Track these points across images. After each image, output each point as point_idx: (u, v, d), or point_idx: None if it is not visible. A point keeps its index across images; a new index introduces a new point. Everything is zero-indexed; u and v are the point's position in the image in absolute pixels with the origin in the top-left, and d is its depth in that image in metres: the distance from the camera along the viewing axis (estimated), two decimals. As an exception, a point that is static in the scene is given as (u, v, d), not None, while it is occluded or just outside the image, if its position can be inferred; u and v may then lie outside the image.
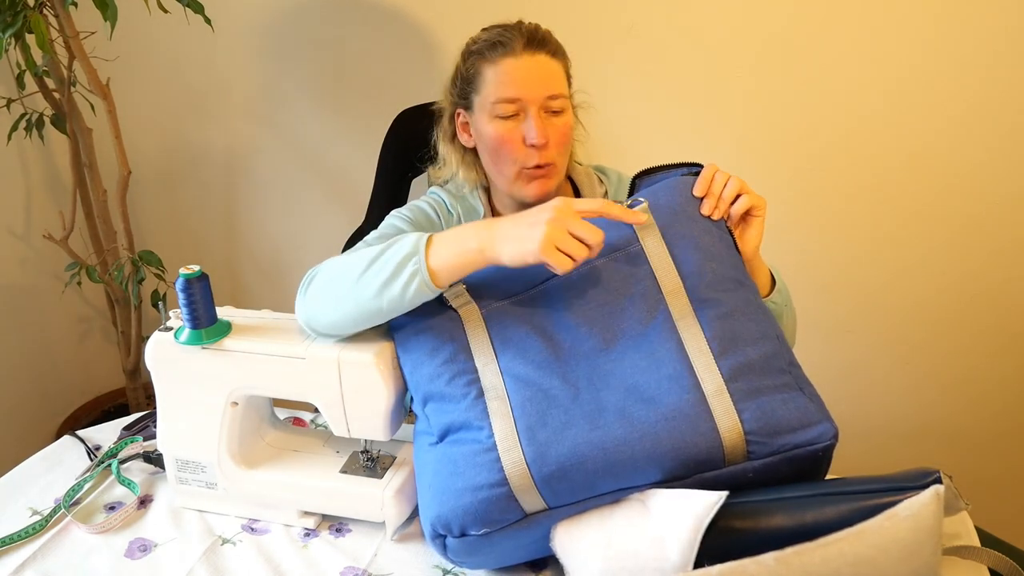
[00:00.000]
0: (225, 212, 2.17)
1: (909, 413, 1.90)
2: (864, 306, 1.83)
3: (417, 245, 0.86)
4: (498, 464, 0.81)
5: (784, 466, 0.81)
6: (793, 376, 0.85)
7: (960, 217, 1.70)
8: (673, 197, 0.92)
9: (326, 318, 0.92)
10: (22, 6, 1.51)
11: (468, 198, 1.17)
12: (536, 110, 1.04)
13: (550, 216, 0.81)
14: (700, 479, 0.80)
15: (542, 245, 0.80)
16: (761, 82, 1.69)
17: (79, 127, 1.74)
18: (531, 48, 1.04)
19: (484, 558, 0.88)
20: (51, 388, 2.12)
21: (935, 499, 0.72)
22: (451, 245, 0.86)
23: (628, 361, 0.85)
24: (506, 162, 1.07)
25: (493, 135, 1.06)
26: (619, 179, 1.20)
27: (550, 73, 1.05)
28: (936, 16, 1.56)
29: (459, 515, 0.82)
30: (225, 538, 1.00)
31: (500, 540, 0.83)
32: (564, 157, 1.09)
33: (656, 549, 0.76)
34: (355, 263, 0.91)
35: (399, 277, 0.86)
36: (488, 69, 1.05)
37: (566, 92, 1.08)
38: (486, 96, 1.06)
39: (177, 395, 1.00)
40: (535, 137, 1.03)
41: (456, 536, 0.84)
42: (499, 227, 0.84)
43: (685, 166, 0.96)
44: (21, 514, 1.04)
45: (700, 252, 0.89)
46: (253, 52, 1.96)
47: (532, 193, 1.08)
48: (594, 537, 0.80)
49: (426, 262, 0.85)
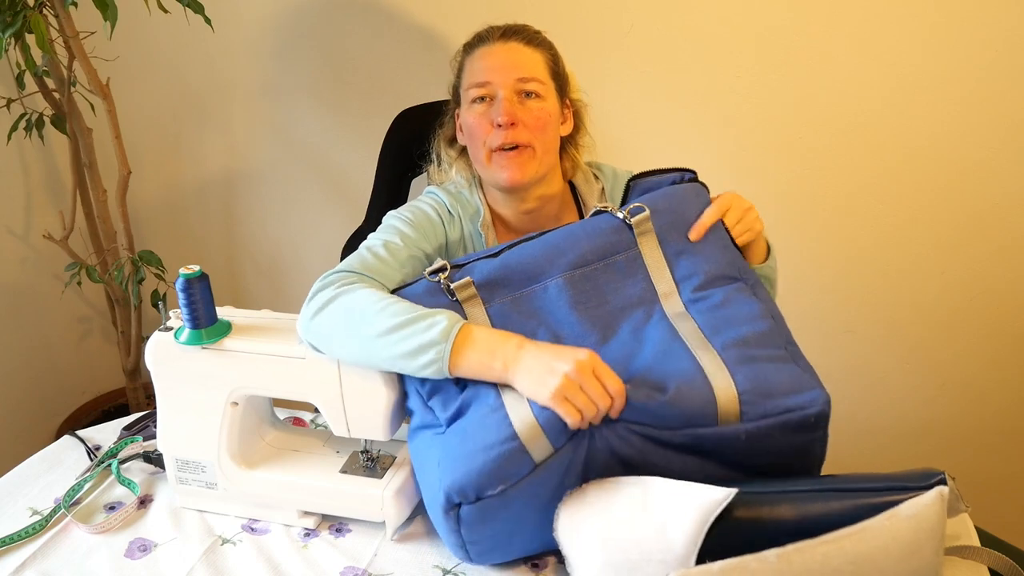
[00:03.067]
0: (225, 212, 2.17)
1: (909, 413, 1.90)
2: (864, 306, 1.83)
3: (448, 334, 0.87)
4: (507, 420, 0.83)
5: (777, 433, 0.83)
6: (789, 352, 0.89)
7: (960, 217, 1.70)
8: (671, 204, 0.98)
9: (330, 351, 0.94)
10: (22, 6, 1.51)
11: (466, 195, 1.16)
12: (507, 92, 1.06)
13: (568, 369, 0.82)
14: (694, 434, 0.83)
15: (552, 394, 0.81)
16: (760, 82, 1.69)
17: (79, 127, 1.74)
18: (505, 37, 1.09)
19: (496, 531, 0.87)
20: (51, 388, 2.12)
21: (939, 500, 0.72)
22: (480, 352, 0.87)
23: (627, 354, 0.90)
24: (478, 145, 1.09)
25: (469, 121, 1.10)
26: (614, 175, 1.21)
27: (522, 58, 1.08)
28: (936, 14, 1.56)
29: (474, 477, 0.82)
30: (225, 538, 1.00)
31: (514, 500, 0.83)
32: (542, 142, 1.07)
33: (660, 541, 0.76)
34: (378, 319, 0.90)
35: (419, 357, 0.88)
36: (467, 60, 1.11)
37: (541, 77, 1.09)
38: (465, 85, 1.10)
39: (177, 395, 1.00)
40: (500, 115, 1.05)
41: (471, 502, 0.83)
42: (526, 355, 0.85)
43: (678, 171, 1.03)
44: (21, 514, 1.04)
45: (694, 257, 0.95)
46: (253, 52, 1.96)
47: (505, 177, 1.07)
48: (597, 527, 0.80)
49: (449, 359, 0.87)
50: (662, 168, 1.05)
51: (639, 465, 0.85)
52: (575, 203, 1.19)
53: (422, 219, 1.11)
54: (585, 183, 1.18)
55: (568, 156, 1.17)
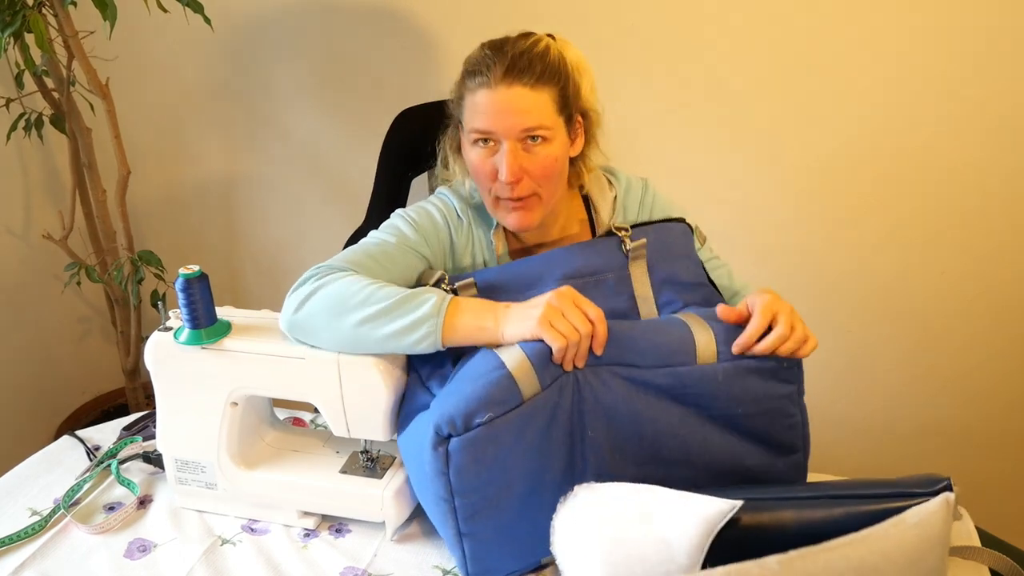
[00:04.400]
0: (225, 212, 2.17)
1: (909, 412, 1.90)
2: (864, 306, 1.83)
3: (439, 309, 0.91)
4: (496, 355, 0.89)
5: (754, 380, 0.90)
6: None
7: (960, 217, 1.70)
8: (661, 237, 1.07)
9: (317, 340, 0.95)
10: (21, 5, 1.51)
11: (480, 204, 1.13)
12: (511, 143, 1.00)
13: (548, 299, 0.89)
14: (674, 373, 0.89)
15: (538, 321, 0.87)
16: (761, 83, 1.69)
17: (78, 127, 1.73)
18: (508, 79, 0.98)
19: (486, 488, 0.87)
20: (51, 388, 2.12)
21: (944, 507, 0.71)
22: (471, 319, 0.92)
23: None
24: (483, 189, 1.07)
25: (472, 161, 1.05)
26: (628, 183, 1.16)
27: (528, 106, 0.99)
28: (939, 15, 1.56)
29: (463, 404, 0.85)
30: (225, 538, 1.00)
31: (502, 439, 0.85)
32: (549, 188, 1.05)
33: (663, 553, 0.76)
34: (363, 302, 0.92)
35: (412, 334, 0.91)
36: (467, 96, 1.02)
37: (548, 122, 1.01)
38: (466, 122, 1.04)
39: (177, 395, 1.00)
40: (504, 174, 1.00)
41: (460, 433, 0.85)
42: (514, 307, 0.92)
43: (672, 221, 1.11)
44: (21, 514, 1.04)
45: (677, 286, 1.04)
46: (253, 52, 1.96)
47: (511, 223, 1.06)
48: (596, 538, 0.80)
49: (442, 330, 0.90)
50: (658, 220, 1.12)
51: (624, 415, 0.89)
52: (586, 210, 1.16)
53: (426, 221, 1.09)
54: (599, 191, 1.15)
55: (575, 171, 1.13)
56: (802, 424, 0.94)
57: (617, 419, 0.90)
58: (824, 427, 1.85)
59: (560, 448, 0.89)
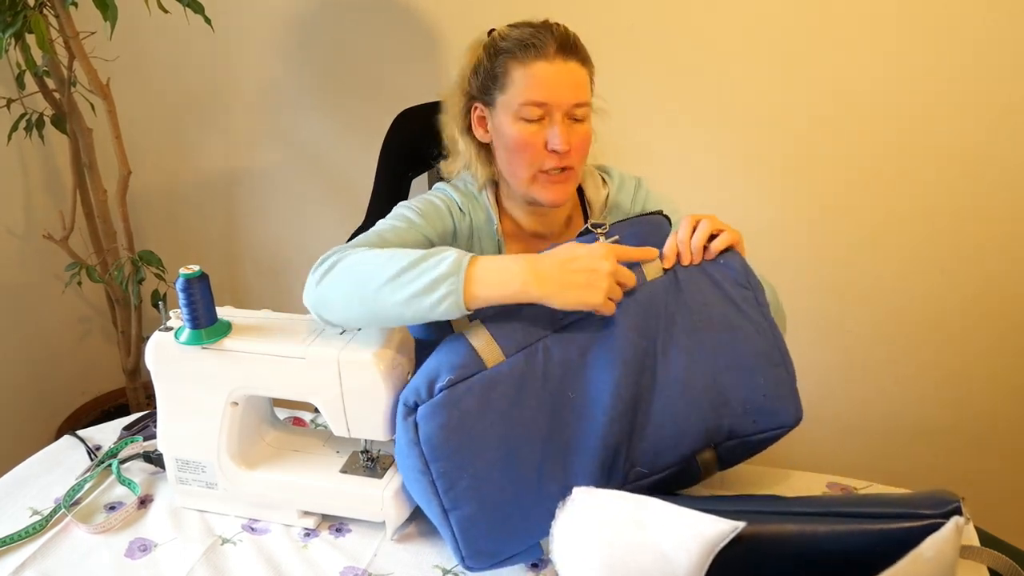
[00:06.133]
0: (225, 212, 2.17)
1: (906, 412, 1.90)
2: (858, 304, 1.83)
3: (459, 265, 0.88)
4: (461, 337, 0.92)
5: (705, 282, 0.95)
6: None
7: (955, 215, 1.70)
8: (638, 231, 1.04)
9: (341, 311, 0.93)
10: (22, 6, 1.51)
11: (479, 199, 1.15)
12: (561, 116, 1.04)
13: (609, 269, 0.88)
14: (632, 300, 0.92)
15: (604, 299, 0.89)
16: (758, 82, 1.69)
17: (79, 127, 1.74)
18: (563, 53, 1.03)
19: (460, 457, 0.88)
20: (51, 388, 2.12)
21: (956, 534, 0.70)
22: (494, 276, 0.88)
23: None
24: (523, 164, 1.06)
25: (516, 136, 1.05)
26: (621, 180, 1.19)
27: (579, 81, 1.04)
28: (934, 13, 1.56)
29: (426, 373, 0.90)
30: (225, 538, 1.00)
31: (466, 400, 0.88)
32: (582, 164, 1.09)
33: (662, 567, 0.74)
34: (385, 265, 0.90)
35: (433, 293, 0.87)
36: (518, 70, 1.03)
37: (590, 100, 1.07)
38: (512, 96, 1.04)
39: (177, 395, 1.00)
40: (559, 144, 1.03)
41: (425, 399, 0.89)
42: (547, 271, 0.88)
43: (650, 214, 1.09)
44: (21, 514, 1.04)
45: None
46: (253, 52, 1.96)
47: (549, 197, 1.08)
48: (596, 552, 0.79)
49: (464, 287, 0.87)
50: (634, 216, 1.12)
51: (600, 362, 0.91)
52: (581, 205, 1.19)
53: (429, 209, 1.12)
54: (593, 187, 1.18)
55: None
56: (773, 335, 0.95)
57: (593, 369, 0.91)
58: (819, 425, 1.85)
59: (538, 417, 0.90)
